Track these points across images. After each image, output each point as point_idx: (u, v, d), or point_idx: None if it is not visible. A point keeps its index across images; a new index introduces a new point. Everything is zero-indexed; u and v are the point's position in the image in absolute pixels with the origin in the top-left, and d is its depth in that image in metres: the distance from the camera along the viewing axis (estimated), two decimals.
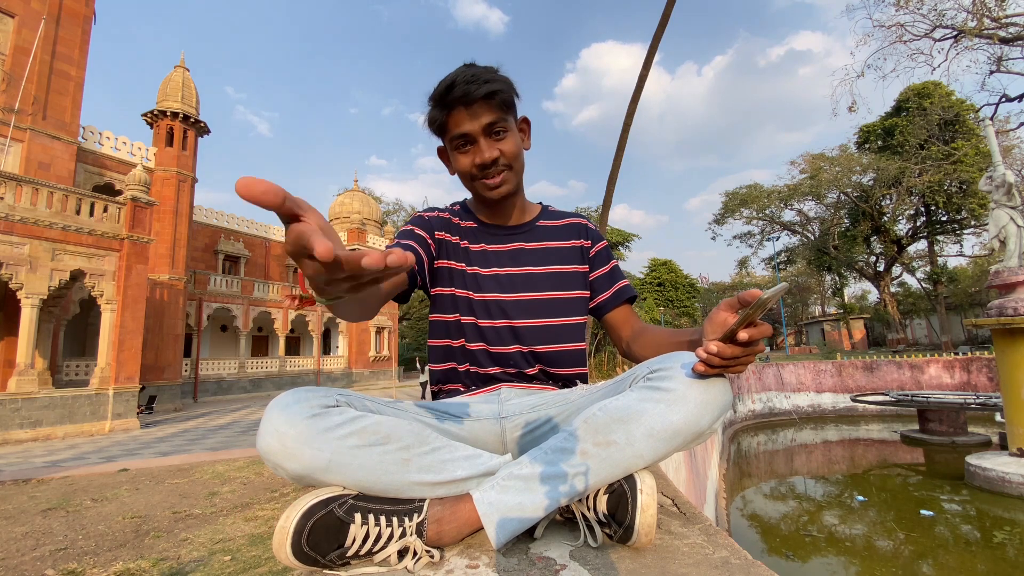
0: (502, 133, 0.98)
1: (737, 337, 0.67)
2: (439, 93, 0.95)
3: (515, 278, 1.06)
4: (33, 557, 2.52)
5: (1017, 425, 7.25)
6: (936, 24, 18.41)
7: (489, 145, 0.97)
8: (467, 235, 1.09)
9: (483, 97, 0.93)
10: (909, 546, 5.87)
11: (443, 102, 0.95)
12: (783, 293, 0.64)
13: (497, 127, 0.97)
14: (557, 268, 1.09)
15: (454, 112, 0.96)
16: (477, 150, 0.97)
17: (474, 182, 1.01)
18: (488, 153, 0.96)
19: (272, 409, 0.72)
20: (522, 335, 1.02)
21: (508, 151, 0.98)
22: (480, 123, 0.95)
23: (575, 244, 1.13)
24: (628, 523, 0.72)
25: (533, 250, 1.09)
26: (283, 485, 4.13)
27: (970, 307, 27.27)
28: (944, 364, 15.50)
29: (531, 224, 1.12)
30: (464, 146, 0.98)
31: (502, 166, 0.99)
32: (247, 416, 13.47)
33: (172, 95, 16.91)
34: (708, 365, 0.71)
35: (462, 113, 0.95)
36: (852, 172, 27.49)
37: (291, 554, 0.68)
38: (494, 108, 0.95)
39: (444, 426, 0.90)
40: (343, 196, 30.00)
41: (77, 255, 10.86)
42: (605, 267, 1.13)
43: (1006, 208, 8.01)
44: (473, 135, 0.96)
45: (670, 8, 5.25)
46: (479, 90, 0.93)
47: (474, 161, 0.98)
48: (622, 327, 1.10)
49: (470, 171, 0.99)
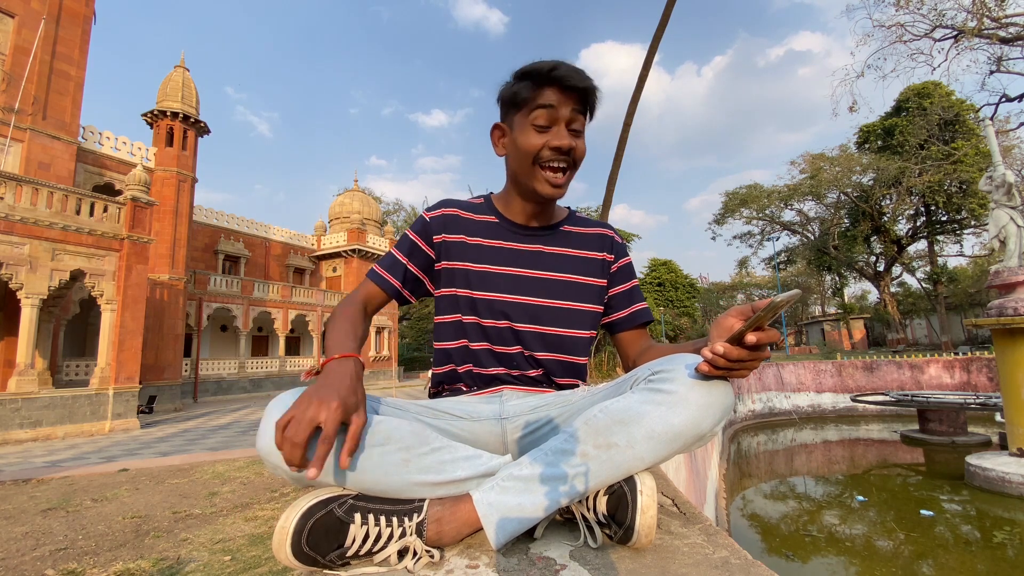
0: (580, 132, 0.97)
1: (745, 339, 0.67)
2: (541, 69, 0.93)
3: (529, 280, 1.02)
4: (33, 557, 2.52)
5: (1017, 425, 7.25)
6: (936, 24, 18.42)
7: (568, 136, 0.95)
8: (482, 230, 1.05)
9: (584, 89, 0.93)
10: (909, 546, 5.87)
11: (544, 76, 0.93)
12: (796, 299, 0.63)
13: (579, 124, 0.96)
14: (574, 277, 1.04)
15: (549, 88, 0.93)
16: (558, 133, 0.94)
17: (536, 166, 0.96)
18: (567, 141, 0.94)
19: (272, 409, 0.72)
20: (526, 339, 1.00)
21: (580, 151, 0.97)
22: (571, 107, 0.94)
23: (598, 256, 1.08)
24: (628, 524, 0.72)
25: (553, 255, 1.05)
26: (283, 485, 4.13)
27: (970, 307, 27.28)
28: (944, 364, 15.50)
29: (555, 227, 1.08)
30: (545, 125, 0.94)
31: (570, 163, 0.97)
32: (247, 416, 13.47)
33: (172, 95, 16.91)
34: (713, 366, 0.71)
35: (558, 94, 0.93)
36: (852, 172, 27.49)
37: (291, 554, 0.68)
38: (584, 106, 0.96)
39: (444, 426, 0.90)
40: (343, 196, 30.00)
41: (77, 255, 10.86)
42: (625, 285, 1.10)
43: (1006, 208, 8.01)
44: (560, 117, 0.94)
45: (670, 8, 5.25)
46: (584, 81, 0.93)
47: (549, 143, 0.93)
48: (630, 347, 1.09)
49: (539, 152, 0.94)
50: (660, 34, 5.39)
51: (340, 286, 27.10)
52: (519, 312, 1.00)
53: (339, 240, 27.49)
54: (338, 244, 27.36)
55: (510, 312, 1.00)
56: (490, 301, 1.00)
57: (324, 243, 27.91)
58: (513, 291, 1.01)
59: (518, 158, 0.98)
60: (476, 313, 1.01)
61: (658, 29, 5.38)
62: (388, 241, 28.99)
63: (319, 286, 27.08)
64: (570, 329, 1.02)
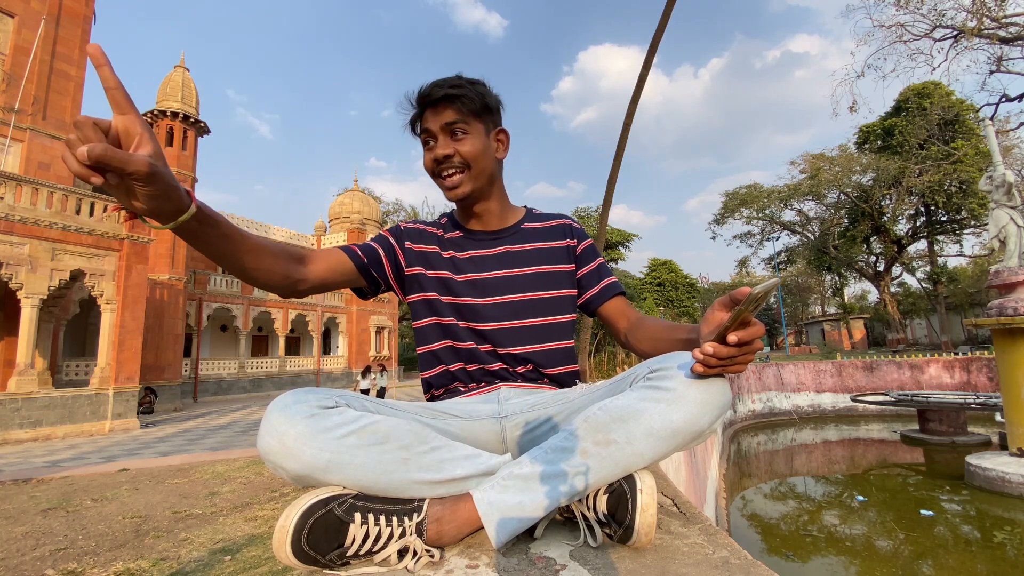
0: (461, 134, 1.02)
1: (727, 338, 0.67)
2: (411, 96, 1.04)
3: (502, 280, 1.07)
4: (33, 557, 2.52)
5: (1017, 425, 7.25)
6: (936, 24, 18.41)
7: (446, 143, 1.01)
8: (453, 245, 1.10)
9: (444, 99, 1.00)
10: (909, 546, 5.87)
11: (416, 102, 1.03)
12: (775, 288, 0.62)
13: (457, 127, 1.01)
14: (544, 268, 1.10)
15: (425, 112, 1.03)
16: (435, 147, 1.02)
17: (435, 179, 1.06)
18: (442, 150, 1.01)
19: (272, 409, 0.72)
20: (510, 336, 1.03)
21: (466, 151, 1.01)
22: (440, 121, 1.01)
23: (562, 244, 1.14)
24: (628, 523, 0.72)
25: (520, 252, 1.11)
26: (283, 485, 4.13)
27: (970, 307, 27.26)
28: (944, 364, 15.50)
29: (516, 227, 1.14)
30: (427, 143, 1.04)
31: (458, 164, 1.02)
32: (247, 416, 13.46)
33: (172, 95, 16.91)
34: (706, 366, 0.71)
35: (429, 110, 1.02)
36: (852, 172, 27.50)
37: (291, 553, 0.68)
38: (455, 110, 1.00)
39: (443, 426, 0.90)
40: (343, 196, 29.97)
41: (77, 255, 10.86)
42: (592, 264, 1.15)
43: (1006, 208, 8.01)
44: (433, 132, 1.02)
45: (670, 8, 5.25)
46: (440, 92, 1.00)
47: (434, 155, 1.02)
48: (618, 319, 1.12)
49: (431, 167, 1.04)
50: (660, 35, 5.39)
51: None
52: (501, 311, 1.04)
53: (339, 240, 27.47)
54: (338, 244, 27.34)
55: (493, 312, 1.04)
56: (472, 306, 1.04)
57: (324, 243, 27.88)
58: (491, 293, 1.05)
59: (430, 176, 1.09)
60: (461, 317, 1.04)
61: (657, 30, 5.38)
62: None
63: None
64: (550, 317, 1.07)
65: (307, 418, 0.71)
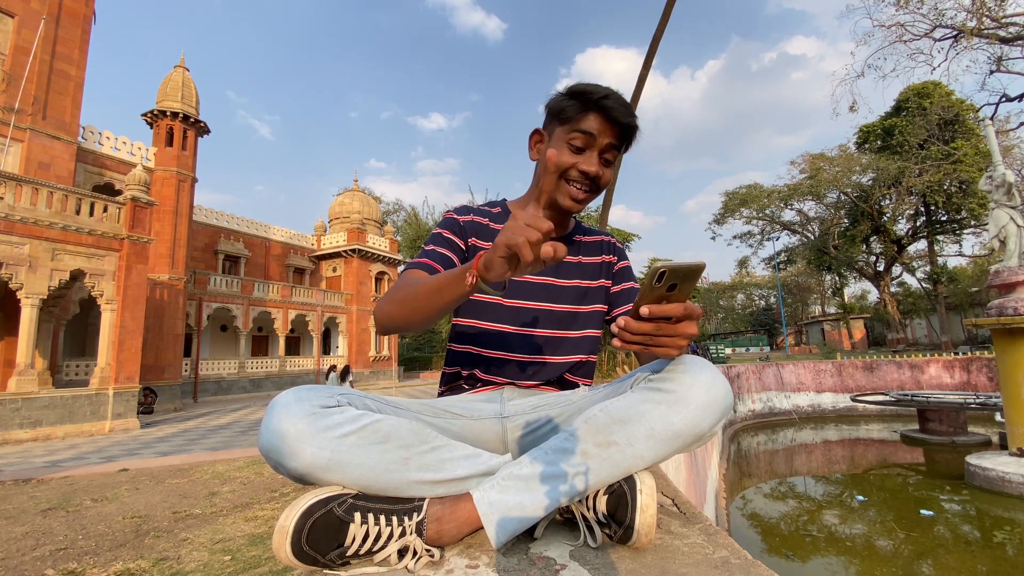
0: (611, 163, 1.02)
1: (640, 312, 0.65)
2: (592, 94, 0.96)
3: (556, 288, 1.08)
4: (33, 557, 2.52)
5: (1017, 425, 7.25)
6: (936, 24, 18.41)
7: (596, 161, 0.99)
8: None
9: (625, 124, 0.98)
10: (909, 546, 5.87)
11: (592, 102, 0.96)
12: (692, 269, 0.58)
13: (611, 154, 1.01)
14: (584, 282, 1.11)
15: (594, 114, 0.97)
16: (589, 159, 0.99)
17: (562, 180, 1.01)
18: (593, 168, 0.99)
19: (273, 408, 0.72)
20: (542, 344, 1.04)
21: (605, 180, 1.02)
22: (608, 140, 0.98)
23: (602, 260, 1.16)
24: (628, 523, 0.72)
25: (571, 263, 1.12)
26: (283, 485, 4.13)
27: (970, 307, 27.26)
28: (944, 364, 15.50)
29: (569, 237, 1.14)
30: (581, 147, 0.99)
31: (591, 186, 1.01)
32: (247, 416, 13.46)
33: (172, 95, 16.89)
34: (621, 340, 0.70)
35: (601, 121, 0.97)
36: (852, 172, 27.49)
37: (291, 553, 0.68)
38: (622, 139, 1.00)
39: (445, 425, 0.90)
40: (343, 196, 29.96)
41: (77, 255, 10.85)
42: (625, 284, 1.17)
43: (1006, 208, 8.01)
44: (596, 145, 0.98)
45: (669, 9, 5.25)
46: (627, 118, 0.97)
47: (579, 165, 0.98)
48: None
49: (569, 170, 1.00)
50: (659, 36, 5.39)
51: (340, 286, 27.07)
52: (547, 318, 1.05)
53: (339, 240, 27.46)
54: (338, 244, 27.33)
55: (540, 318, 1.05)
56: (519, 309, 1.04)
57: (324, 243, 27.88)
58: (543, 299, 1.06)
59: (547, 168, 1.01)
60: (501, 320, 1.03)
61: (657, 31, 5.38)
62: (388, 241, 28.94)
63: (319, 286, 27.04)
64: (586, 330, 1.09)
65: (308, 416, 0.70)
